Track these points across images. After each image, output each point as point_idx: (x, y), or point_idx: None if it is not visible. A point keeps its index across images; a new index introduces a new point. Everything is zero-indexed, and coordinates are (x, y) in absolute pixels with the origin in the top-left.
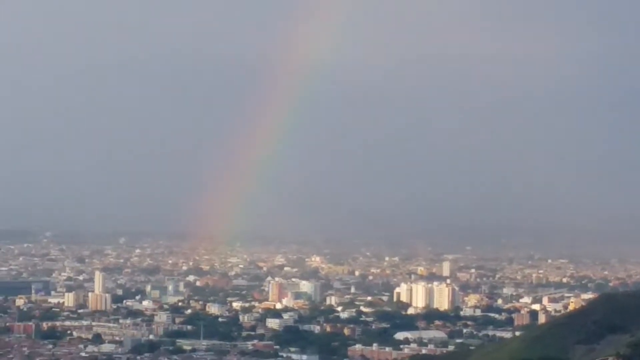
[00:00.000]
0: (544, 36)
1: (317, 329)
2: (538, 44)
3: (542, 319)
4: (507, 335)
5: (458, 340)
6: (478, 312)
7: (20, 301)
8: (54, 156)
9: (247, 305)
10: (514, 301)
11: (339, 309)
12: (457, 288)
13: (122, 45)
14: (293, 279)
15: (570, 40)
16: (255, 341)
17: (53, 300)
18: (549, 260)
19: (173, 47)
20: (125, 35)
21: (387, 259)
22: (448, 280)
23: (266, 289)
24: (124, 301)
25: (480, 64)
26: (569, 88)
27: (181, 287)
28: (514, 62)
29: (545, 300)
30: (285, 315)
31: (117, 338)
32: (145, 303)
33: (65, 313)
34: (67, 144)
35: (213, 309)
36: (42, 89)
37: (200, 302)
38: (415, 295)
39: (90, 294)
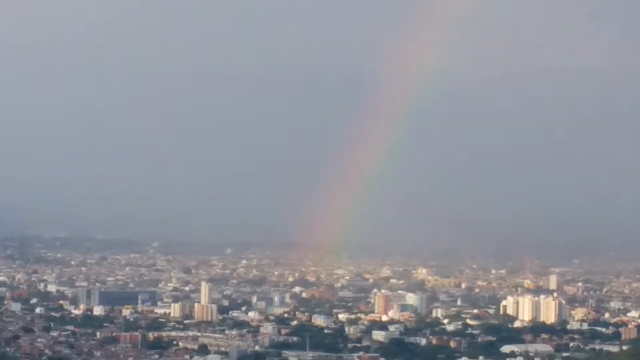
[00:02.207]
0: None
1: (423, 341)
2: None
3: None
4: (614, 349)
5: (565, 354)
6: (585, 326)
7: (126, 311)
8: (162, 167)
9: (352, 317)
10: (621, 315)
11: (445, 321)
12: (564, 301)
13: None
14: (399, 291)
15: None
16: (360, 353)
17: (159, 311)
18: None
19: (289, 62)
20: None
21: (493, 271)
22: (555, 294)
23: (372, 300)
24: (230, 312)
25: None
26: None
27: (287, 299)
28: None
29: None
30: (391, 327)
31: (222, 349)
32: (251, 314)
33: (172, 323)
34: (175, 155)
35: (319, 320)
36: (153, 98)
37: (306, 314)
38: (521, 308)
39: (196, 304)
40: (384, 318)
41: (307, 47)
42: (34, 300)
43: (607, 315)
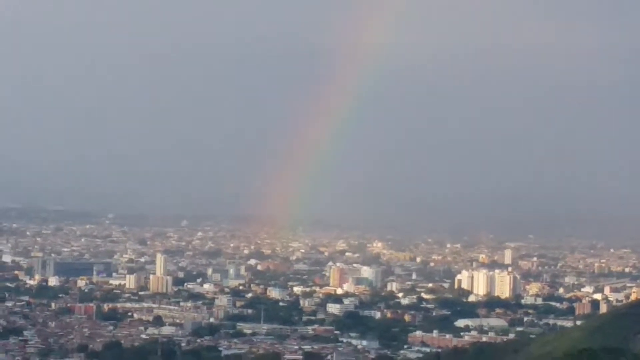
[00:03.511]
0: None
1: (377, 314)
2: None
3: (603, 308)
4: (568, 324)
5: (519, 329)
6: (539, 301)
7: (81, 282)
8: (117, 138)
9: (307, 290)
10: (575, 290)
11: (400, 295)
12: (518, 276)
13: (188, 35)
14: (354, 265)
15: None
16: (315, 326)
17: (114, 282)
18: (612, 250)
19: (238, 36)
20: (191, 24)
21: (448, 246)
22: (509, 268)
23: (327, 274)
24: (185, 284)
25: (541, 55)
26: (621, 80)
27: (242, 271)
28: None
29: (607, 290)
30: (346, 301)
31: (177, 321)
32: (206, 286)
33: (126, 295)
34: (131, 127)
35: (274, 293)
36: (105, 75)
37: (261, 286)
38: (476, 283)
39: (151, 276)
40: (339, 291)
41: (257, 22)
42: None
43: (561, 290)
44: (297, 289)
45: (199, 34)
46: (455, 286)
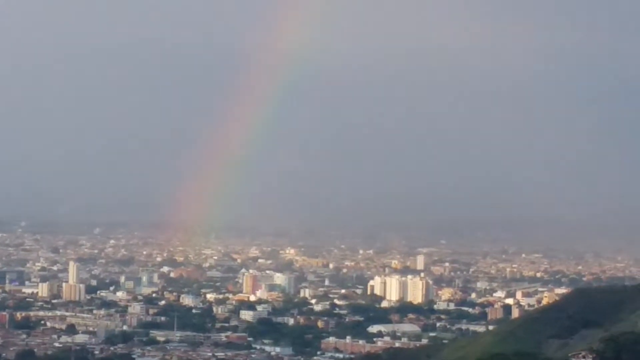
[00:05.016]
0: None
1: (290, 321)
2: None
3: (515, 313)
4: (480, 329)
5: (431, 334)
6: (452, 306)
7: None
8: (29, 145)
9: (221, 297)
10: (487, 295)
11: (313, 301)
12: (431, 282)
13: (108, 34)
14: (267, 271)
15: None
16: (228, 333)
17: (27, 290)
18: (523, 255)
19: (155, 36)
20: (111, 24)
21: (361, 251)
22: (422, 274)
23: (240, 280)
24: (98, 292)
25: (460, 57)
26: (548, 81)
27: (155, 279)
28: (495, 55)
29: (518, 295)
30: (259, 308)
31: (90, 329)
32: (119, 294)
33: (39, 303)
34: (42, 133)
35: (187, 300)
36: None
37: (174, 294)
38: (389, 289)
39: (64, 284)
40: (252, 298)
41: (177, 24)
42: None
43: (473, 295)
44: (210, 296)
45: (119, 34)
46: (368, 292)
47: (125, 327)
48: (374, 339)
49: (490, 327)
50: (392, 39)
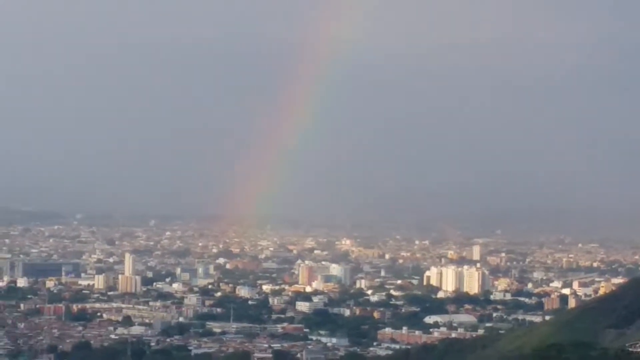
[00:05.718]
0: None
1: (346, 312)
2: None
3: (572, 303)
4: (537, 319)
5: (488, 324)
6: (508, 296)
7: (50, 283)
8: (87, 138)
9: (277, 288)
10: (544, 285)
11: (369, 292)
12: (487, 272)
13: (152, 30)
14: (323, 262)
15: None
16: (284, 324)
17: (83, 282)
18: (580, 245)
19: (207, 34)
20: (159, 19)
21: (417, 242)
22: (478, 264)
23: (296, 272)
24: (154, 283)
25: (499, 49)
26: (591, 72)
27: (211, 270)
28: (533, 47)
29: (575, 285)
30: (315, 299)
31: (146, 320)
32: (175, 285)
33: (95, 295)
34: (100, 126)
35: (243, 291)
36: (70, 72)
37: (230, 285)
38: (445, 279)
39: (120, 276)
40: (308, 289)
41: (225, 17)
42: None
43: (529, 285)
44: (266, 287)
45: (157, 30)
46: (424, 283)
47: (181, 319)
48: (430, 330)
49: (547, 318)
50: (439, 35)
